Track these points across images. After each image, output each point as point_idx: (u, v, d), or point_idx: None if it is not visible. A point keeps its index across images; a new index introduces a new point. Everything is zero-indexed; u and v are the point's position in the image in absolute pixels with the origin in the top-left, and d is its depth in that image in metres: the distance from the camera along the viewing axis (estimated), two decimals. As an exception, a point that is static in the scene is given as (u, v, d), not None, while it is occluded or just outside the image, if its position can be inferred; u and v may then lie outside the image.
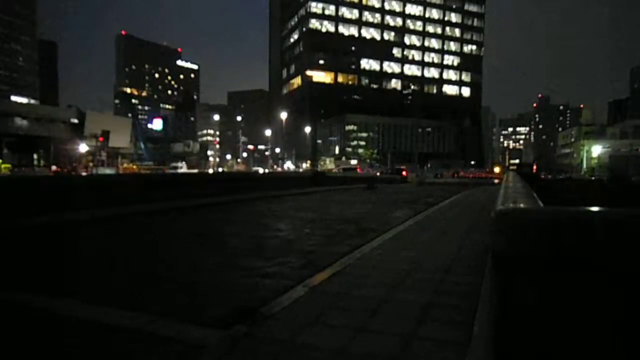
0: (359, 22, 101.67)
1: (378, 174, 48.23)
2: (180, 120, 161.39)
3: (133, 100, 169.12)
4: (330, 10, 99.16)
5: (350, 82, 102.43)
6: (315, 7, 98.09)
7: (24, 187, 11.24)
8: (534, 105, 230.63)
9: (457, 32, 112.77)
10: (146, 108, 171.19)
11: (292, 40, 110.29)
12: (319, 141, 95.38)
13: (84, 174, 43.61)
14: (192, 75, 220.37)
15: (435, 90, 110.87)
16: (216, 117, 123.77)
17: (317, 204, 13.73)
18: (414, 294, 3.75)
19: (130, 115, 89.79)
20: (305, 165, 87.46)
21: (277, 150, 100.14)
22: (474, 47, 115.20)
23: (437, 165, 74.49)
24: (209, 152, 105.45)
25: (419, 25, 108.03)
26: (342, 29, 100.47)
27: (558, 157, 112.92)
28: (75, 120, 64.86)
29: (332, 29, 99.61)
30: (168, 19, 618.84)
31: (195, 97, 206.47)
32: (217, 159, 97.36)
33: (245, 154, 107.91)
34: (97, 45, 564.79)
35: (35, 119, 60.54)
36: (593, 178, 48.04)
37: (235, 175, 26.59)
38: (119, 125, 72.07)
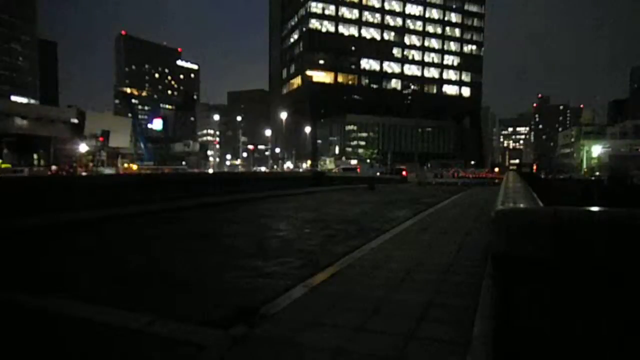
0: (359, 22, 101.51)
1: (378, 174, 48.20)
2: (180, 120, 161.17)
3: (133, 100, 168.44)
4: (330, 10, 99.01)
5: (350, 82, 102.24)
6: (315, 7, 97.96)
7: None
8: (534, 105, 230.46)
9: (457, 32, 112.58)
10: (146, 108, 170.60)
11: (292, 40, 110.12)
12: (319, 141, 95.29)
13: (83, 174, 43.57)
14: (192, 75, 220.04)
15: (435, 90, 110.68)
16: (216, 117, 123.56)
17: (317, 203, 13.71)
18: (414, 293, 3.75)
19: (130, 115, 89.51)
20: (305, 165, 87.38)
21: (277, 150, 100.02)
22: (474, 47, 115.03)
23: (437, 165, 74.39)
24: (209, 152, 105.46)
25: (419, 25, 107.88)
26: (342, 29, 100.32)
27: (558, 157, 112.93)
28: (75, 120, 64.81)
29: (332, 29, 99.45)
30: (168, 19, 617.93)
31: (195, 97, 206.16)
32: (217, 159, 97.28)
33: (245, 154, 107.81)
34: (97, 45, 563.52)
35: (35, 119, 60.52)
36: (593, 178, 48.05)
37: (235, 176, 26.57)
38: (119, 125, 72.04)
